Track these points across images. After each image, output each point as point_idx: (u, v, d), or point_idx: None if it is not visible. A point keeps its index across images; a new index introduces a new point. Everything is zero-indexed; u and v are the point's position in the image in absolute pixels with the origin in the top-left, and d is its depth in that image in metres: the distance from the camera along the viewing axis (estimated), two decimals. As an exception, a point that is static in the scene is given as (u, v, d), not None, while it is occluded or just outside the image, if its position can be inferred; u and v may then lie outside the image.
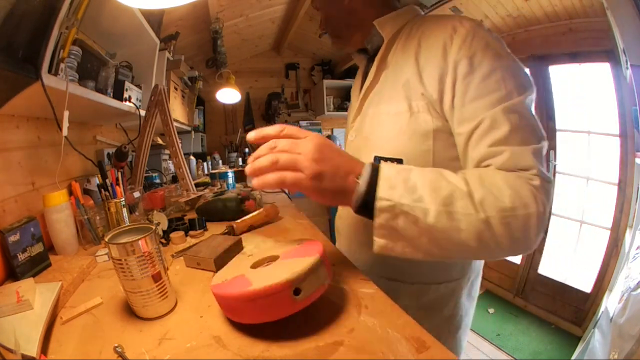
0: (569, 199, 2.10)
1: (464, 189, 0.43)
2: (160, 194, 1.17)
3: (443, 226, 0.42)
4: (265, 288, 0.39)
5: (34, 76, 0.65)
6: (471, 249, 0.44)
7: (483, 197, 0.43)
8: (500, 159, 0.46)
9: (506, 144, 0.47)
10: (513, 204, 0.42)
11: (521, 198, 0.43)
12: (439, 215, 0.42)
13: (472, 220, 0.42)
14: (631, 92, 1.29)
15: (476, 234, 0.42)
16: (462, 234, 0.42)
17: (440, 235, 0.43)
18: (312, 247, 0.48)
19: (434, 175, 0.45)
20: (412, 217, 0.42)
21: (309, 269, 0.41)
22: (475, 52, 0.50)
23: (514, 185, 0.44)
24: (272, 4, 2.42)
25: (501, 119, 0.47)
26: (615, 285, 1.33)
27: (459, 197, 0.43)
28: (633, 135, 1.61)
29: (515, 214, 0.42)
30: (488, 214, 0.42)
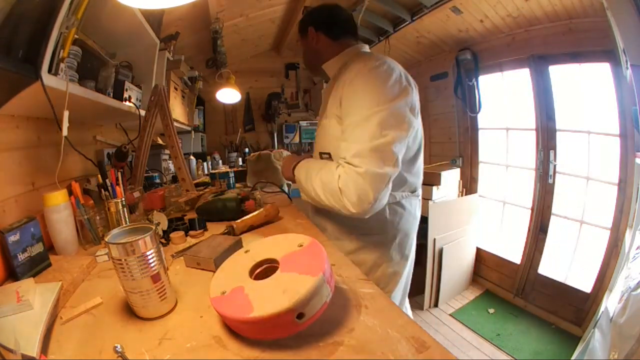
0: (569, 199, 2.10)
1: (318, 170, 0.82)
2: (160, 194, 1.17)
3: (307, 188, 0.85)
4: (269, 316, 0.38)
5: (34, 76, 0.65)
6: (318, 203, 0.82)
7: (321, 178, 0.80)
8: (342, 152, 0.77)
9: (345, 141, 0.76)
10: (327, 181, 0.78)
11: (331, 176, 0.76)
12: (307, 184, 0.84)
13: (313, 190, 0.82)
14: (631, 92, 1.29)
15: (315, 197, 0.82)
16: (313, 197, 0.83)
17: (310, 194, 0.84)
18: (315, 257, 0.46)
19: (314, 167, 0.85)
20: (302, 188, 0.88)
21: (312, 293, 0.40)
22: (352, 83, 0.78)
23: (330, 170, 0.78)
24: (272, 4, 2.42)
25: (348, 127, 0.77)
26: (615, 285, 1.33)
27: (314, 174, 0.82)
28: (633, 135, 1.61)
29: (328, 186, 0.77)
30: (315, 187, 0.81)
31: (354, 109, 0.76)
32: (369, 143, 0.71)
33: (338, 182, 0.73)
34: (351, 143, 0.74)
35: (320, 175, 0.79)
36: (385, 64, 0.79)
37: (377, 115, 0.72)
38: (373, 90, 0.75)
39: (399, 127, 0.74)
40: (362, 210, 0.72)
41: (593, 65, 1.86)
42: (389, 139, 0.71)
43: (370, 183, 0.70)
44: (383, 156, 0.71)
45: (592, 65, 1.87)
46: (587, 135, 1.98)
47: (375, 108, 0.72)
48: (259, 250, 0.54)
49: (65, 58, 0.78)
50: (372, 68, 0.77)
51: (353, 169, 0.72)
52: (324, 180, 0.78)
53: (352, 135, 0.74)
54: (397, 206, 0.91)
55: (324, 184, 0.78)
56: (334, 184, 0.74)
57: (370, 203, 0.71)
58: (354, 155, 0.72)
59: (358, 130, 0.73)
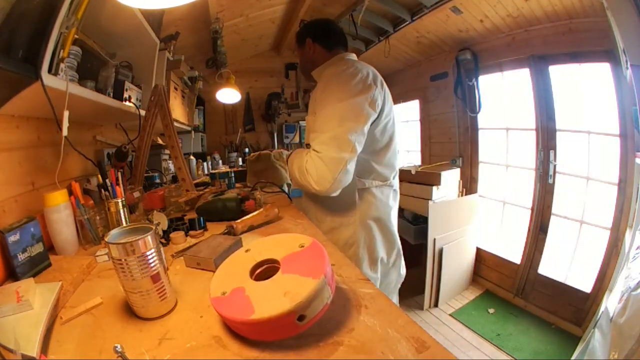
0: (569, 199, 2.10)
1: (292, 161, 0.99)
2: (160, 194, 1.17)
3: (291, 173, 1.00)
4: (270, 318, 0.38)
5: (34, 76, 0.65)
6: (297, 184, 0.98)
7: (296, 163, 0.95)
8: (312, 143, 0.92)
9: (312, 131, 0.93)
10: (298, 165, 0.94)
11: (300, 161, 0.93)
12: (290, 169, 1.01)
13: (291, 172, 0.99)
14: (631, 92, 1.29)
15: (293, 178, 0.98)
16: (293, 178, 0.99)
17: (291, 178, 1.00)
18: (316, 259, 0.46)
19: (294, 155, 1.00)
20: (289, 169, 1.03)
21: (313, 295, 0.40)
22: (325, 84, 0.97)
23: (300, 155, 0.96)
24: (272, 4, 2.42)
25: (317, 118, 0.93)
26: (615, 285, 1.33)
27: (290, 163, 1.00)
28: (633, 135, 1.61)
29: (299, 170, 0.92)
30: (293, 168, 0.97)
31: (322, 105, 0.92)
32: (329, 133, 0.87)
33: (305, 165, 0.89)
34: (317, 133, 0.89)
35: (296, 161, 0.95)
36: (352, 67, 0.94)
37: (338, 110, 0.88)
38: (338, 88, 0.91)
39: (356, 119, 0.88)
40: (324, 189, 0.87)
41: (593, 65, 1.86)
42: (345, 129, 0.86)
43: (328, 165, 0.85)
44: (340, 143, 0.86)
45: (592, 65, 1.87)
46: (587, 135, 1.97)
47: (337, 104, 0.88)
48: (259, 249, 0.53)
49: (65, 58, 0.78)
50: (341, 71, 0.94)
51: (315, 154, 0.87)
52: (298, 164, 0.94)
53: (319, 127, 0.90)
54: (366, 192, 1.04)
55: (298, 167, 0.93)
56: (303, 167, 0.90)
57: (330, 182, 0.86)
58: (317, 143, 0.88)
59: (322, 122, 0.89)
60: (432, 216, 2.25)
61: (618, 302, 1.16)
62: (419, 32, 2.54)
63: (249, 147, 3.39)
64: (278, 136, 3.66)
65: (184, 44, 2.16)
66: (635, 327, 0.96)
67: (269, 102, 3.54)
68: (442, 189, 2.41)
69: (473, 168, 2.70)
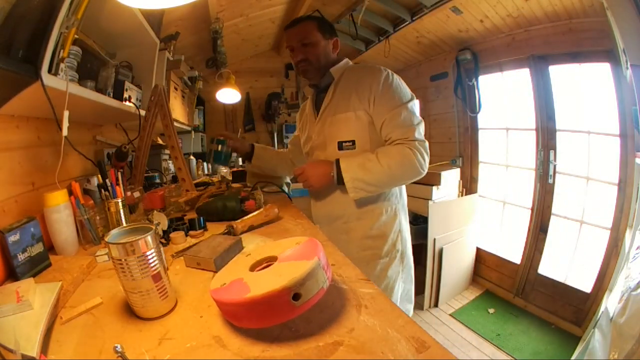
0: (569, 199, 2.10)
1: (376, 160, 0.98)
2: (160, 194, 1.17)
3: (370, 179, 0.99)
4: (264, 295, 0.39)
5: (34, 76, 0.65)
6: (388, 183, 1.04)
7: (386, 161, 0.97)
8: (397, 134, 0.99)
9: (398, 127, 0.99)
10: (402, 159, 0.97)
11: (405, 155, 0.97)
12: (366, 175, 0.98)
13: (382, 172, 0.98)
14: (631, 92, 1.29)
15: (387, 176, 0.99)
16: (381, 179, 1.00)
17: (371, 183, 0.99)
18: (311, 248, 0.48)
19: (361, 159, 1.00)
20: (358, 180, 0.99)
21: (308, 274, 0.41)
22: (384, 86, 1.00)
23: (400, 151, 0.97)
24: (272, 4, 2.42)
25: (395, 116, 0.99)
26: (615, 285, 1.33)
27: (373, 164, 0.98)
28: (633, 135, 1.61)
29: (404, 162, 0.97)
30: (390, 166, 0.97)
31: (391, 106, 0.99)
32: (414, 125, 0.99)
33: (415, 157, 0.96)
34: (407, 128, 0.98)
35: (390, 160, 0.97)
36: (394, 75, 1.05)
37: (409, 109, 0.99)
38: (400, 92, 1.01)
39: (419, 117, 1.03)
40: (425, 172, 1.00)
41: (593, 65, 1.86)
42: (420, 124, 1.01)
43: (427, 152, 0.99)
44: (422, 132, 1.01)
45: (592, 65, 1.87)
46: (587, 135, 1.98)
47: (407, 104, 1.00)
48: (259, 251, 0.54)
49: (65, 58, 0.78)
50: (393, 78, 1.03)
51: (420, 144, 0.98)
52: (399, 161, 0.97)
53: (404, 123, 0.98)
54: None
55: (401, 163, 0.97)
56: (412, 159, 0.96)
57: (427, 165, 1.00)
58: (417, 134, 0.98)
59: (405, 119, 0.98)
60: (432, 216, 2.25)
61: (618, 302, 1.16)
62: (419, 32, 2.55)
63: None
64: (278, 136, 3.67)
65: (184, 44, 2.16)
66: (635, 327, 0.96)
67: (269, 102, 3.54)
68: (442, 189, 2.41)
69: (473, 168, 2.71)
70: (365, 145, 1.04)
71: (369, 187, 1.00)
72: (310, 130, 1.17)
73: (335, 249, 0.73)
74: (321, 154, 1.12)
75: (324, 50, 1.08)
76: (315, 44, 1.06)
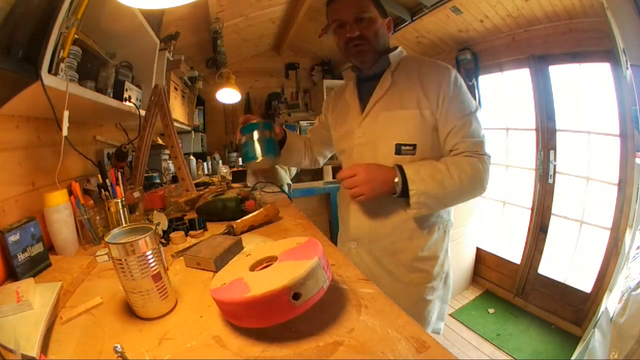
0: (569, 199, 2.10)
1: (447, 172, 0.82)
2: (160, 194, 1.17)
3: (441, 193, 0.83)
4: (264, 294, 0.39)
5: (34, 76, 0.65)
6: (456, 199, 0.89)
7: (458, 173, 0.82)
8: (465, 145, 0.85)
9: (468, 137, 0.85)
10: (472, 172, 0.83)
11: (475, 168, 0.84)
12: (439, 189, 0.82)
13: (454, 186, 0.82)
14: (631, 92, 1.29)
15: (457, 192, 0.85)
16: (451, 194, 0.85)
17: (441, 198, 0.85)
18: (311, 248, 0.48)
19: (431, 169, 0.83)
20: (426, 194, 0.81)
21: (308, 273, 0.41)
22: (454, 88, 0.86)
23: (471, 163, 0.84)
24: (272, 4, 2.42)
25: (466, 124, 0.85)
26: (615, 285, 1.33)
27: (445, 177, 0.82)
28: (633, 135, 1.61)
29: (474, 177, 0.84)
30: (461, 180, 0.82)
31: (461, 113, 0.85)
32: (483, 139, 0.87)
33: (485, 173, 0.85)
34: (474, 139, 0.86)
35: (462, 174, 0.83)
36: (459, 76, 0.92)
37: (477, 118, 0.87)
38: (468, 97, 0.88)
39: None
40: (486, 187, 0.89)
41: (593, 65, 1.86)
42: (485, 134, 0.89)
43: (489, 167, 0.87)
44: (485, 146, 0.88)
45: (592, 65, 1.87)
46: (587, 135, 1.98)
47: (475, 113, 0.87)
48: (259, 251, 0.54)
49: (65, 58, 0.78)
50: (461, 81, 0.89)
51: (488, 158, 0.87)
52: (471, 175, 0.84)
53: (472, 133, 0.85)
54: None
55: (472, 178, 0.84)
56: (482, 176, 0.85)
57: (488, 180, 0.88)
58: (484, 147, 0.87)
59: (474, 129, 0.86)
60: (432, 216, 2.24)
61: (618, 302, 1.16)
62: (419, 32, 2.54)
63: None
64: (278, 136, 3.66)
65: (184, 44, 2.16)
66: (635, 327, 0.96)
67: (269, 102, 3.54)
68: (442, 189, 2.41)
69: (473, 168, 2.70)
70: (426, 153, 0.88)
71: (435, 204, 0.84)
72: (352, 125, 0.96)
73: (335, 249, 0.73)
74: (368, 156, 0.91)
75: (381, 30, 0.91)
76: (374, 20, 0.88)
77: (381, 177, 0.81)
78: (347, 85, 1.02)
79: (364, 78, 0.98)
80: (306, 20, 2.71)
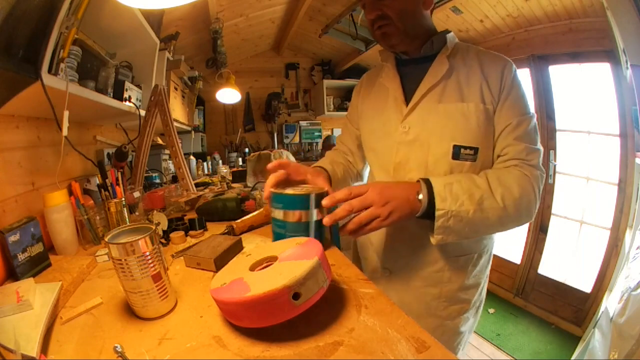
0: (569, 199, 2.10)
1: (489, 191, 0.63)
2: (160, 194, 1.17)
3: (478, 218, 0.62)
4: (264, 294, 0.39)
5: (34, 76, 0.65)
6: (495, 228, 0.68)
7: (502, 194, 0.63)
8: (518, 149, 0.68)
9: (522, 140, 0.68)
10: (520, 195, 0.64)
11: (525, 189, 0.65)
12: (475, 212, 0.61)
13: (496, 211, 0.63)
14: (631, 92, 1.29)
15: (498, 218, 0.63)
16: (490, 221, 0.63)
17: (476, 225, 0.63)
18: (311, 248, 0.48)
19: (467, 183, 0.63)
20: (459, 217, 0.61)
21: (307, 273, 0.41)
22: (514, 82, 0.70)
23: (520, 182, 0.65)
24: (272, 4, 2.42)
25: (522, 124, 0.69)
26: (615, 285, 1.33)
27: (486, 197, 0.63)
28: (633, 135, 1.61)
29: (522, 201, 0.64)
30: (506, 204, 0.63)
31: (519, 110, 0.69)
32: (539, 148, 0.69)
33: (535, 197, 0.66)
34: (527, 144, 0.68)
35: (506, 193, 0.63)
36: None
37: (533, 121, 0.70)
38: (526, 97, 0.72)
39: None
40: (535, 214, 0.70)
41: (593, 65, 1.86)
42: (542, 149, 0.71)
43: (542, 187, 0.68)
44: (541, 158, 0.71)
45: (592, 65, 1.87)
46: (587, 135, 1.98)
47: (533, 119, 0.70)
48: (259, 251, 0.54)
49: (65, 58, 0.78)
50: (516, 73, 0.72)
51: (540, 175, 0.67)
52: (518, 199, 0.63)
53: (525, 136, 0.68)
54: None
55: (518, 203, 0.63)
56: (530, 200, 0.65)
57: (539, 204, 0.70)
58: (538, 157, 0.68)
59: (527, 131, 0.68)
60: (432, 216, 2.24)
61: (618, 302, 1.16)
62: (419, 32, 2.54)
63: (249, 147, 3.39)
64: (278, 136, 3.66)
65: (184, 44, 2.16)
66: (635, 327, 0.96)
67: (269, 102, 3.54)
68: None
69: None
70: (488, 162, 0.72)
71: (466, 230, 0.62)
72: (393, 117, 0.77)
73: (335, 249, 0.72)
74: (416, 158, 0.74)
75: (410, 7, 0.72)
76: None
77: (401, 194, 0.60)
78: (384, 68, 0.82)
79: (407, 60, 0.79)
80: (306, 20, 2.71)
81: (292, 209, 0.62)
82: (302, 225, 0.62)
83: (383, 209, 0.58)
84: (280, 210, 0.63)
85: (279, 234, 0.64)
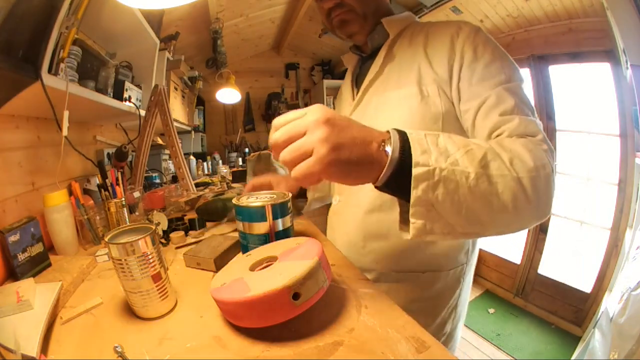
0: (569, 199, 2.10)
1: (493, 151, 0.42)
2: (160, 194, 1.17)
3: (484, 191, 0.39)
4: (264, 294, 0.39)
5: (34, 76, 0.65)
6: (507, 216, 0.41)
7: (511, 158, 0.42)
8: (512, 125, 0.50)
9: (514, 113, 0.52)
10: (536, 164, 0.42)
11: (540, 159, 0.44)
12: (479, 178, 0.38)
13: (507, 181, 0.40)
14: (631, 92, 1.29)
15: (512, 196, 0.40)
16: (500, 198, 0.40)
17: (480, 205, 0.39)
18: (311, 248, 0.48)
19: (459, 138, 0.42)
20: (453, 184, 0.37)
21: (307, 273, 0.41)
22: (478, 45, 0.58)
23: (531, 149, 0.44)
24: (272, 4, 2.42)
25: (505, 95, 0.53)
26: (615, 285, 1.33)
27: (491, 158, 0.40)
28: (633, 135, 1.61)
29: (539, 174, 0.42)
30: (520, 174, 0.41)
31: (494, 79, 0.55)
32: (536, 118, 0.54)
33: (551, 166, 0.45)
34: (523, 115, 0.52)
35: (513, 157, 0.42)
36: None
37: (521, 87, 0.57)
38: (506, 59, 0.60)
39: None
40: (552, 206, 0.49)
41: (593, 65, 1.86)
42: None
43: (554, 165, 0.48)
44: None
45: (592, 65, 1.87)
46: (587, 135, 1.98)
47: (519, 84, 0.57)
48: (259, 251, 0.54)
49: (65, 58, 0.78)
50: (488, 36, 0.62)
51: (550, 149, 0.48)
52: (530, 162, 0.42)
53: (514, 106, 0.53)
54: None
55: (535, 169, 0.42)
56: (547, 167, 0.44)
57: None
58: (540, 130, 0.52)
59: (517, 100, 0.54)
60: (432, 216, 2.24)
61: (618, 302, 1.16)
62: (419, 32, 2.54)
63: (249, 147, 3.39)
64: (278, 136, 3.66)
65: (184, 44, 2.16)
66: (635, 327, 0.96)
67: (269, 102, 3.54)
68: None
69: (473, 168, 2.70)
70: None
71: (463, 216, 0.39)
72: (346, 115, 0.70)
73: (335, 248, 0.73)
74: None
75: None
76: None
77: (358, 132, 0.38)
78: (347, 73, 0.84)
79: (366, 58, 0.76)
80: (306, 20, 2.71)
81: (249, 222, 0.57)
82: (261, 237, 0.58)
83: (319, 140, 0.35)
84: (240, 222, 0.59)
85: (243, 245, 0.60)
